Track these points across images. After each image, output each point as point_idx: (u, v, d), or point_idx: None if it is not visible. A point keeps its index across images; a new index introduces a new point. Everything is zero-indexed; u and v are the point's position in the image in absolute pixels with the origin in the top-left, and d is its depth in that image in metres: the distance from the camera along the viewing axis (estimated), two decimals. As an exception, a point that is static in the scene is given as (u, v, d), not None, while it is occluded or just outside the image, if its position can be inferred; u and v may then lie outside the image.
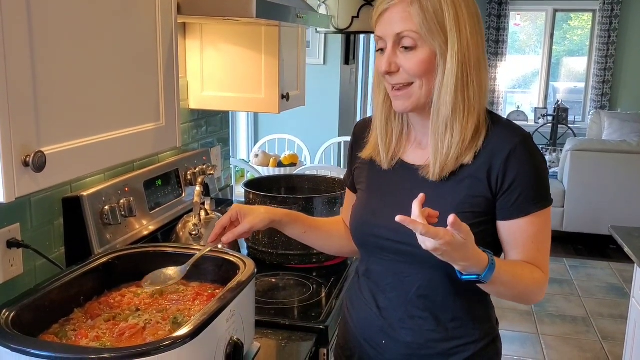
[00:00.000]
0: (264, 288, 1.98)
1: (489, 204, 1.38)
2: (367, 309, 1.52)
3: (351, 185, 1.65)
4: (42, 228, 1.64)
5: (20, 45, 1.01)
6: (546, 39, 8.79)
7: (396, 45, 1.35)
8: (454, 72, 1.32)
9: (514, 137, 1.37)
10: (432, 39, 1.32)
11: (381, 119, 1.48)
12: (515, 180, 1.35)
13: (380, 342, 1.49)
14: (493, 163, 1.36)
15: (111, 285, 1.54)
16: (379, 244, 1.46)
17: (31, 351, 1.09)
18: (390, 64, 1.35)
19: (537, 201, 1.37)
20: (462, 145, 1.36)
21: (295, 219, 1.63)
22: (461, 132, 1.35)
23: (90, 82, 1.22)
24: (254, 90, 2.38)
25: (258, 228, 1.56)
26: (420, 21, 1.31)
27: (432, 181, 1.40)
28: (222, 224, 1.53)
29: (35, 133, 1.06)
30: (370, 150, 1.52)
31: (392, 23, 1.34)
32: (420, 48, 1.33)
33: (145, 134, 1.43)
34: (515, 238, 1.39)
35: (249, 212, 1.55)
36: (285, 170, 4.33)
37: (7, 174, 1.00)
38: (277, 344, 1.65)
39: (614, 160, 5.76)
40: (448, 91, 1.33)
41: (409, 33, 1.32)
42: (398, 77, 1.36)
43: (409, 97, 1.37)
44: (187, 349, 1.15)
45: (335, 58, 5.53)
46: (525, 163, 1.36)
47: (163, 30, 1.47)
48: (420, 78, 1.35)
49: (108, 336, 1.29)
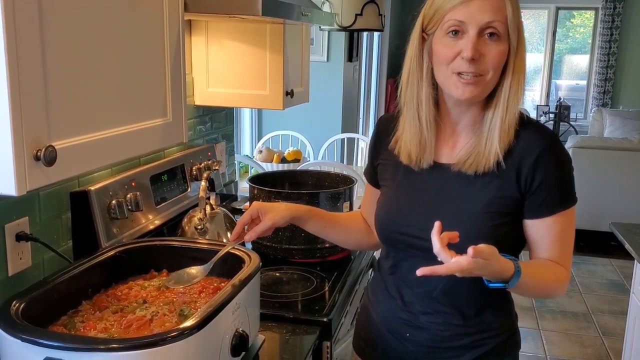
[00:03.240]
0: (268, 282, 2.01)
1: (517, 204, 1.40)
2: (392, 303, 1.54)
3: (373, 181, 1.64)
4: (50, 222, 1.66)
5: (31, 43, 1.03)
6: (548, 37, 8.79)
7: (480, 33, 1.33)
8: (522, 71, 1.36)
9: (542, 140, 1.39)
10: (513, 33, 1.34)
11: (428, 115, 1.44)
12: (543, 182, 1.38)
13: (405, 334, 1.51)
14: (522, 164, 1.38)
15: (118, 278, 1.56)
16: (405, 241, 1.47)
17: (41, 341, 1.11)
18: (476, 51, 1.33)
19: (563, 201, 1.40)
20: (501, 144, 1.38)
21: (316, 215, 1.64)
22: (508, 130, 1.38)
23: (99, 78, 1.24)
24: (258, 87, 2.40)
25: (279, 225, 1.56)
26: (511, 13, 1.32)
27: (463, 179, 1.42)
28: (243, 222, 1.53)
29: (46, 128, 1.07)
30: (413, 152, 1.47)
31: (484, 10, 1.32)
32: (504, 40, 1.34)
33: (153, 130, 1.45)
34: (541, 236, 1.42)
35: (270, 209, 1.55)
36: (289, 166, 4.34)
37: (18, 167, 1.02)
38: (281, 337, 1.67)
39: (615, 157, 5.77)
40: (520, 89, 1.37)
41: (498, 24, 1.32)
42: (477, 65, 1.34)
43: (479, 85, 1.36)
44: (194, 340, 1.17)
45: (339, 55, 5.54)
46: (552, 165, 1.38)
47: (170, 27, 1.49)
48: (495, 70, 1.35)
49: (116, 328, 1.31)
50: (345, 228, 1.71)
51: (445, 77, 1.38)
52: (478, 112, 1.43)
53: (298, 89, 2.56)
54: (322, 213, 1.68)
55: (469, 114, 1.44)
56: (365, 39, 6.51)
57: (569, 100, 8.54)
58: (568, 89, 9.19)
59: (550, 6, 8.67)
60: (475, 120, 1.44)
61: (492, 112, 1.40)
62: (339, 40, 5.51)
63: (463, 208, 1.40)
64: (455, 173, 1.43)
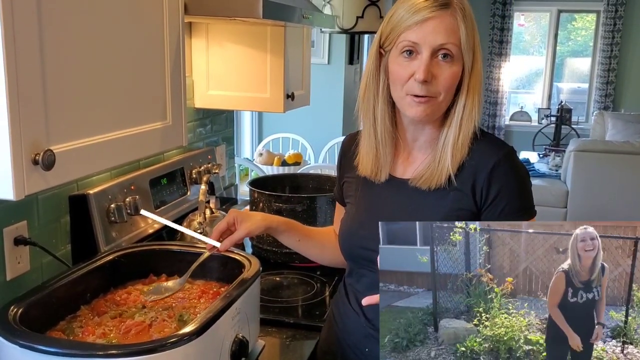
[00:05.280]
0: (268, 286, 1.99)
1: (474, 217, 1.39)
2: (355, 317, 1.52)
3: (340, 199, 1.65)
4: (48, 225, 1.65)
5: (30, 46, 1.02)
6: (550, 40, 8.78)
7: (434, 55, 1.33)
8: (477, 90, 1.36)
9: (497, 152, 1.39)
10: (467, 54, 1.34)
11: (383, 131, 1.45)
12: (500, 193, 1.37)
13: (364, 349, 1.49)
14: (477, 177, 1.38)
15: (117, 282, 1.55)
16: (366, 255, 1.46)
17: (39, 347, 1.11)
18: (428, 73, 1.33)
19: (521, 212, 1.38)
20: (454, 159, 1.38)
21: (291, 227, 1.64)
22: (461, 147, 1.38)
23: (99, 81, 1.23)
24: (259, 90, 2.39)
25: (254, 234, 1.59)
26: (465, 35, 1.32)
27: (419, 194, 1.41)
28: (219, 230, 1.53)
29: (45, 132, 1.07)
30: (368, 166, 1.48)
31: (436, 32, 1.31)
32: (457, 61, 1.34)
33: (153, 133, 1.44)
34: None
35: (247, 218, 1.55)
36: (289, 169, 4.34)
37: (17, 172, 1.01)
38: (281, 342, 1.66)
39: (617, 161, 5.75)
40: (475, 108, 1.37)
41: (451, 46, 1.32)
42: (429, 87, 1.34)
43: (432, 106, 1.36)
44: (194, 346, 1.16)
45: (340, 58, 5.54)
46: (508, 176, 1.38)
47: (170, 29, 1.48)
48: (447, 92, 1.35)
49: (114, 333, 1.31)
50: (320, 243, 1.71)
51: (400, 97, 1.39)
52: (434, 130, 1.43)
53: (299, 92, 2.55)
54: (299, 226, 1.67)
55: (425, 131, 1.45)
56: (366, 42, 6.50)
57: (571, 103, 8.52)
58: (569, 92, 9.17)
59: (552, 9, 8.67)
60: (432, 137, 1.44)
61: (447, 131, 1.40)
62: (339, 43, 5.50)
63: (422, 221, 1.39)
64: (412, 187, 1.43)
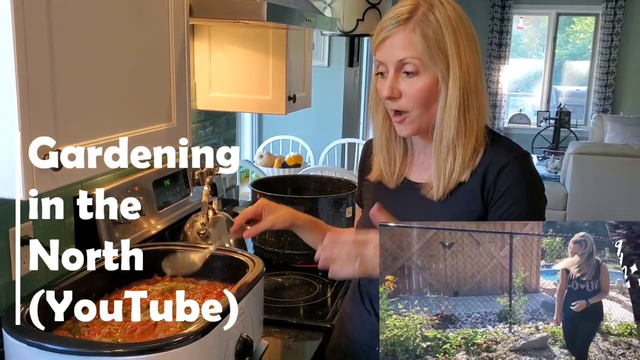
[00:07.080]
0: (270, 287, 2.01)
1: (484, 218, 1.39)
2: (366, 316, 1.54)
3: (359, 202, 1.67)
4: (53, 226, 1.66)
5: (40, 49, 1.03)
6: (549, 43, 8.80)
7: (398, 71, 1.35)
8: (456, 97, 1.33)
9: (509, 154, 1.38)
10: (434, 65, 1.32)
11: (381, 140, 1.49)
12: (506, 192, 1.36)
13: (374, 347, 1.50)
14: (487, 177, 1.37)
15: (122, 282, 1.56)
16: None
17: (47, 346, 1.12)
18: (393, 90, 1.35)
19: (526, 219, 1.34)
20: (462, 166, 1.38)
21: (315, 226, 1.65)
22: (463, 154, 1.37)
23: (106, 83, 1.24)
24: (261, 92, 2.40)
25: (277, 227, 1.58)
26: (422, 48, 1.32)
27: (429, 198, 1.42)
28: (246, 216, 1.55)
29: (54, 133, 1.08)
30: (377, 173, 1.53)
31: (394, 50, 1.34)
32: (423, 74, 1.33)
33: (158, 134, 1.45)
34: None
35: (274, 210, 1.57)
36: (290, 171, 4.35)
37: (27, 172, 1.02)
38: (284, 343, 1.68)
39: (616, 163, 5.77)
40: (451, 116, 1.35)
41: (411, 60, 1.33)
42: (399, 103, 1.36)
43: (410, 123, 1.38)
44: (199, 345, 1.18)
45: (340, 60, 5.55)
46: (517, 176, 1.36)
47: (175, 32, 1.49)
48: (420, 107, 1.36)
49: (120, 332, 1.31)
50: None
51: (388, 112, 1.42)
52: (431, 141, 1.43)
53: (300, 94, 2.56)
54: (323, 226, 1.68)
55: (422, 142, 1.47)
56: (365, 44, 6.51)
57: (570, 106, 8.54)
58: (568, 95, 9.19)
59: (551, 12, 8.69)
60: None
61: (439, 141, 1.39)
62: (339, 45, 5.51)
63: None
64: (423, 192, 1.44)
